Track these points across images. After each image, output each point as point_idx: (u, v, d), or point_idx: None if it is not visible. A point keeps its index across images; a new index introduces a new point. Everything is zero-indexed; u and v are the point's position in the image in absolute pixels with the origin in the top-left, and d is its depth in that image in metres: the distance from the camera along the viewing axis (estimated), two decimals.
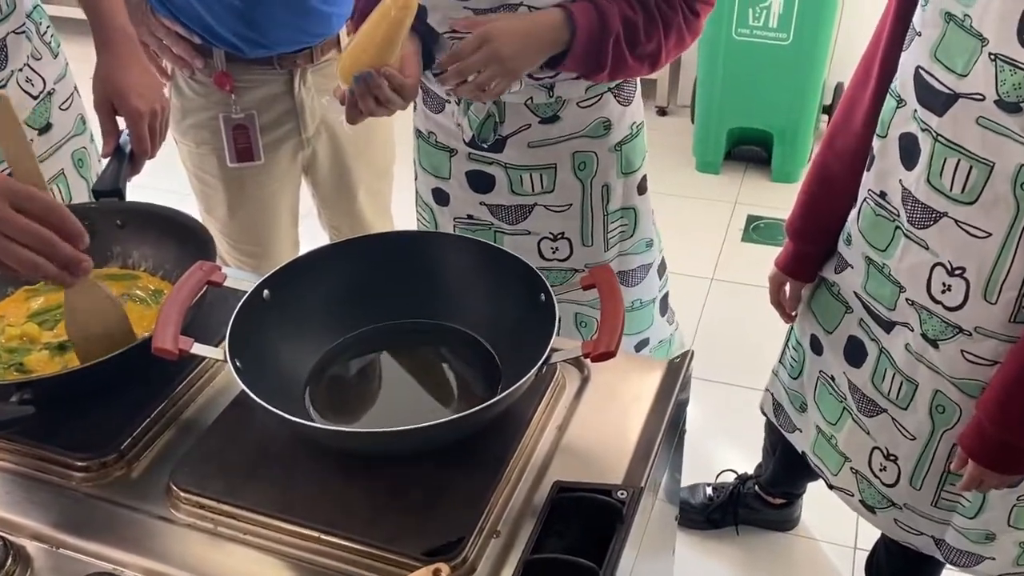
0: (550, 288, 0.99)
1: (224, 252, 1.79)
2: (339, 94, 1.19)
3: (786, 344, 1.53)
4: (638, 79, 1.44)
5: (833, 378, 1.38)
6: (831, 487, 1.45)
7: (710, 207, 2.97)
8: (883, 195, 1.19)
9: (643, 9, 1.25)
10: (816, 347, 1.41)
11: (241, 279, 1.06)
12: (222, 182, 1.68)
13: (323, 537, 0.87)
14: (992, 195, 1.04)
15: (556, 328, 0.95)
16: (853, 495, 1.41)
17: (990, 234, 1.06)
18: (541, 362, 0.91)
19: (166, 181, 1.80)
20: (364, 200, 1.80)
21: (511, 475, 0.94)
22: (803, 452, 1.50)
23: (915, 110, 1.10)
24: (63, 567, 0.87)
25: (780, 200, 2.89)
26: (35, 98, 1.35)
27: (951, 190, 1.08)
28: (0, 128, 0.95)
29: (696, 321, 2.48)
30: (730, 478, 1.95)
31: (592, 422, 1.01)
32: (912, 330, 1.20)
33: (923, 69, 1.07)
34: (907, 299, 1.19)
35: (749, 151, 3.16)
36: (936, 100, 1.06)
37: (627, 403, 1.03)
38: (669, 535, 1.22)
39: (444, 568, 0.76)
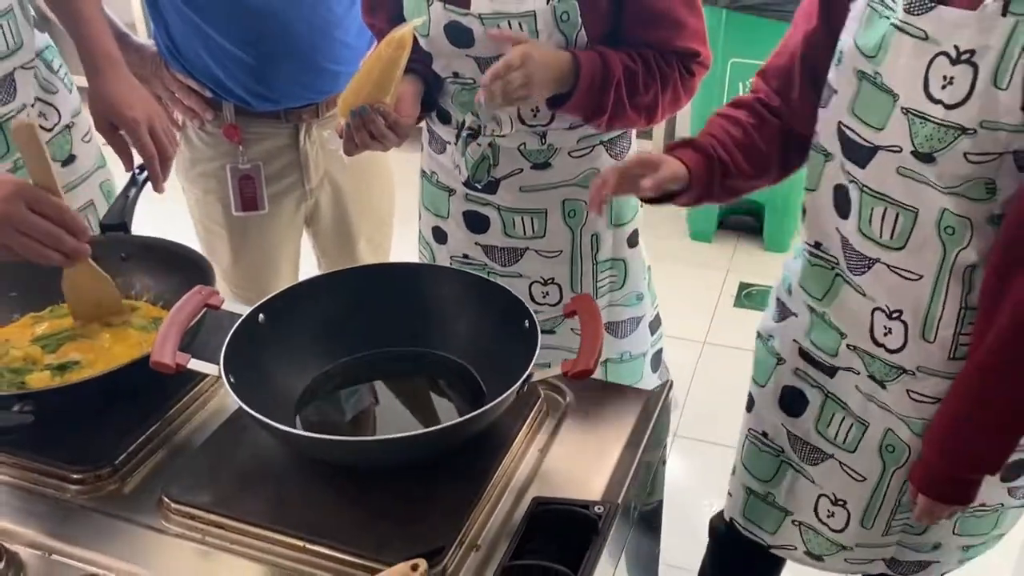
0: (534, 315, 1.03)
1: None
2: (339, 129, 1.25)
3: None
4: (633, 136, 1.51)
5: (765, 434, 1.37)
6: (771, 547, 1.42)
7: (703, 274, 3.03)
8: (818, 245, 1.22)
9: (642, 62, 1.33)
10: (748, 404, 1.42)
11: (239, 308, 1.10)
12: (226, 230, 1.74)
13: (308, 546, 0.90)
14: (919, 239, 1.09)
15: (538, 350, 0.99)
16: (796, 548, 1.38)
17: (921, 276, 1.10)
18: (523, 379, 0.95)
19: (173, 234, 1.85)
20: (364, 250, 1.85)
21: (492, 492, 0.97)
22: (730, 519, 1.47)
23: (842, 163, 1.14)
24: (55, 572, 0.90)
25: (772, 268, 2.93)
26: (50, 131, 1.42)
27: (881, 237, 1.12)
28: (25, 151, 1.08)
29: (688, 383, 2.51)
30: None
31: (572, 447, 1.05)
32: (858, 373, 1.22)
33: (844, 125, 1.12)
34: (848, 345, 1.21)
35: (741, 221, 3.23)
36: (859, 153, 1.11)
37: (607, 430, 1.07)
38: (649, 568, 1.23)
39: (421, 564, 0.79)
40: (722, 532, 1.53)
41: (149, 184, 1.33)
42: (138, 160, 1.33)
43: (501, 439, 1.01)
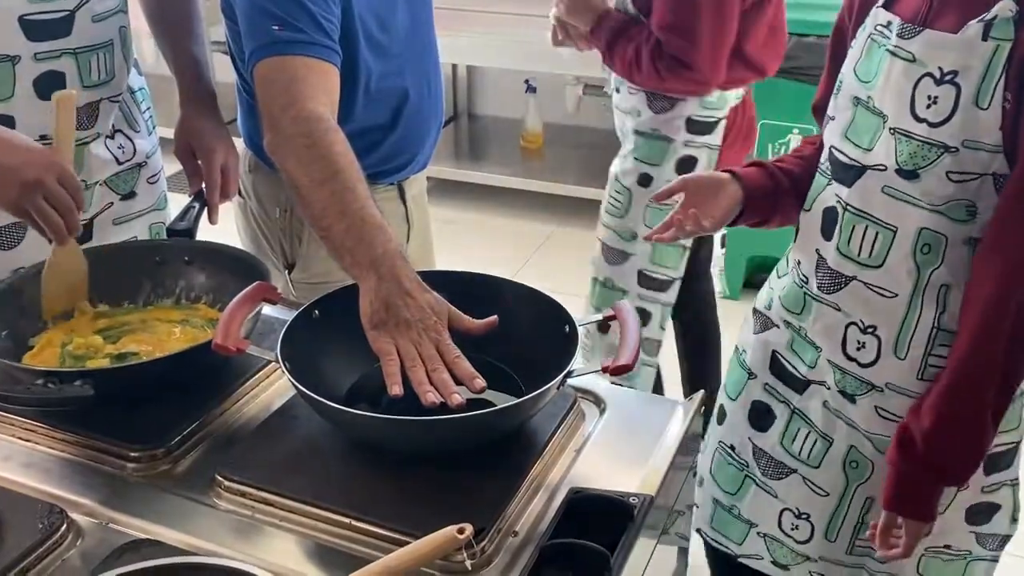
0: (574, 320, 1.08)
1: None
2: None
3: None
4: None
5: (732, 447, 1.40)
6: (738, 557, 1.42)
7: (729, 328, 3.06)
8: (799, 264, 1.27)
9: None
10: (720, 416, 1.44)
11: (294, 307, 1.16)
12: None
13: (354, 523, 0.94)
14: (896, 259, 1.14)
15: (577, 352, 1.03)
16: (763, 558, 1.40)
17: (897, 294, 1.16)
18: (563, 375, 0.99)
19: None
20: None
21: (530, 485, 1.00)
22: (697, 529, 1.48)
23: (831, 185, 1.22)
24: (110, 538, 0.94)
25: None
26: (120, 163, 1.48)
27: (859, 255, 1.17)
28: (61, 120, 1.20)
29: None
30: None
31: (606, 450, 1.08)
32: (829, 388, 1.25)
33: (835, 148, 1.20)
34: (827, 359, 1.24)
35: (766, 280, 3.27)
36: (847, 174, 1.18)
37: (641, 436, 1.10)
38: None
39: (468, 528, 0.82)
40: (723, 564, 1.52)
41: None
42: None
43: (538, 439, 1.05)
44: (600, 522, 0.93)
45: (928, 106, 1.08)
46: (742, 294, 3.26)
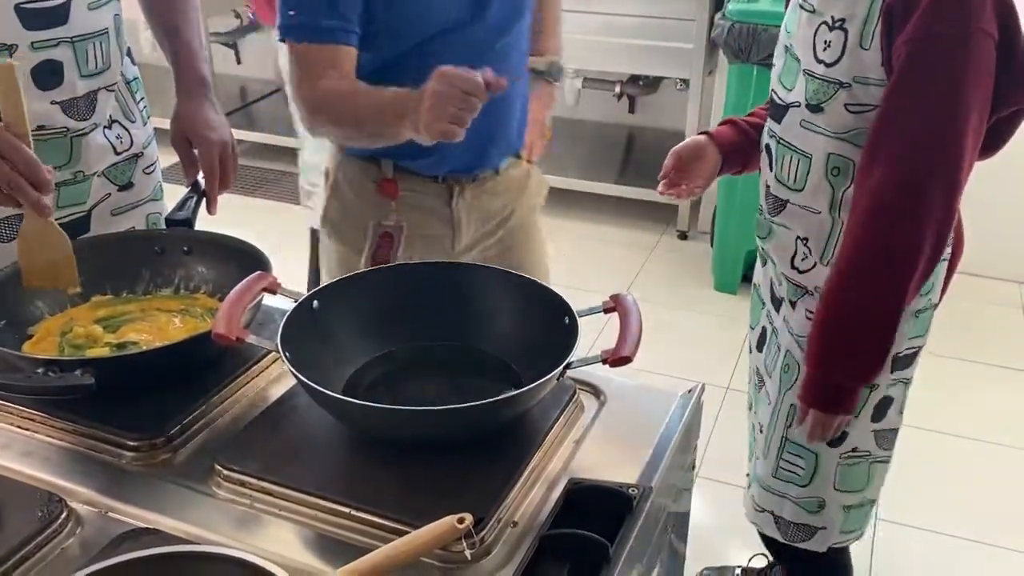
0: (574, 312, 1.08)
1: None
2: None
3: None
4: None
5: (756, 370, 1.59)
6: (747, 475, 1.64)
7: (727, 322, 3.07)
8: (760, 195, 1.47)
9: None
10: (750, 346, 1.63)
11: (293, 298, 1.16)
12: None
13: (353, 513, 0.94)
14: (813, 182, 1.33)
15: (577, 343, 1.03)
16: (749, 474, 1.62)
17: (820, 211, 1.35)
18: (563, 366, 0.99)
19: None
20: None
21: (530, 476, 1.00)
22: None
23: (768, 124, 1.41)
24: (109, 527, 0.94)
25: None
26: (118, 153, 1.47)
27: (789, 181, 1.37)
28: (3, 91, 1.12)
29: (711, 426, 2.53)
30: (762, 562, 2.00)
31: (606, 441, 1.08)
32: (786, 300, 1.45)
33: (774, 91, 1.39)
34: (781, 272, 1.45)
35: None
36: (778, 111, 1.38)
37: (640, 427, 1.10)
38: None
39: (468, 517, 0.82)
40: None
41: None
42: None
43: (537, 429, 1.05)
44: (599, 513, 0.93)
45: (824, 49, 1.26)
46: (740, 289, 3.26)
